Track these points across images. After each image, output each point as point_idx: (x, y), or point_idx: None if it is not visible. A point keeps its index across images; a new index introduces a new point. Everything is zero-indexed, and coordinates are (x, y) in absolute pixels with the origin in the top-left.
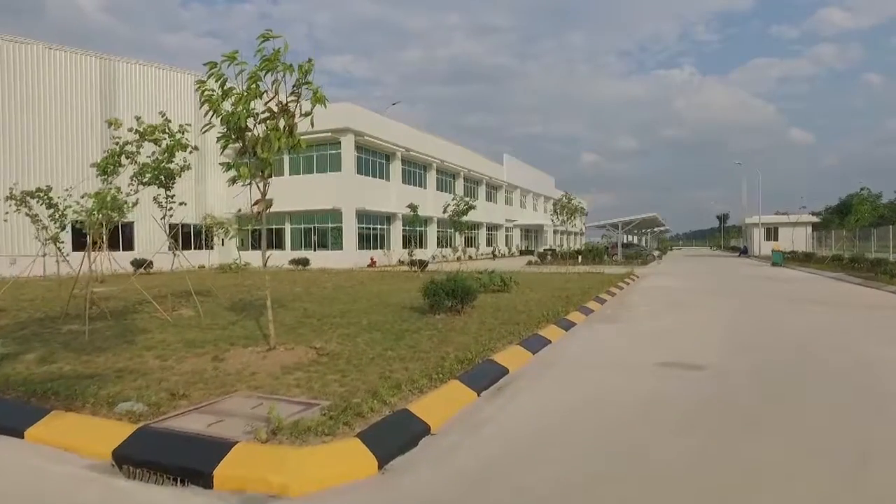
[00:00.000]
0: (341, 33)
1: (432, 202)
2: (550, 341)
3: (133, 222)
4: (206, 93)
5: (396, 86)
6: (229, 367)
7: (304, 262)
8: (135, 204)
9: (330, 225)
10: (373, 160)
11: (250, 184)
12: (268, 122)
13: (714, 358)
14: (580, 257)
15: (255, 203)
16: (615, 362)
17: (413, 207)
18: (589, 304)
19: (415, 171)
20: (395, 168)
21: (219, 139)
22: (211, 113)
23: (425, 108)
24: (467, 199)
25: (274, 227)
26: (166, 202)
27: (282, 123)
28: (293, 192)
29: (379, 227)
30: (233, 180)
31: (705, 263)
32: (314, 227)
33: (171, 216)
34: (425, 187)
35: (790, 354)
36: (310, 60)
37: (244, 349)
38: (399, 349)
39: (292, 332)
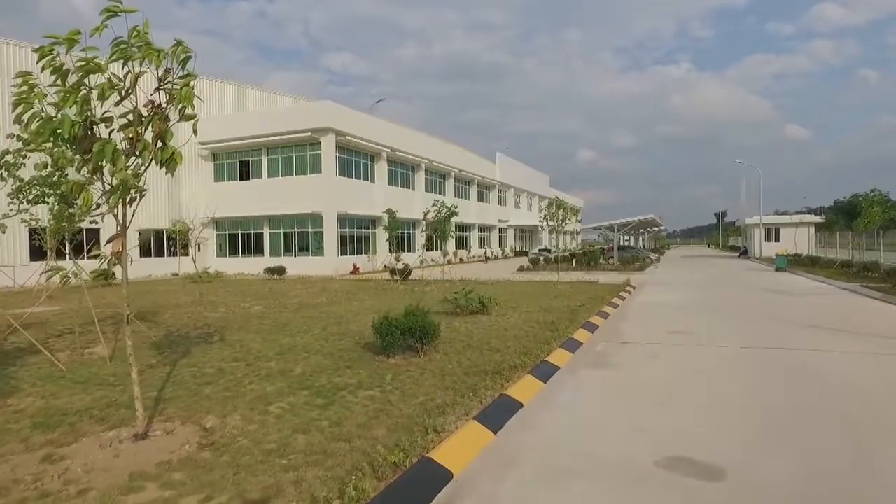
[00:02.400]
0: (339, 31)
1: (421, 204)
2: (521, 405)
3: (99, 228)
4: (28, 88)
5: (393, 83)
6: (57, 475)
7: (280, 270)
8: (90, 210)
9: (310, 229)
10: (356, 161)
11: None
12: (126, 130)
13: (735, 449)
14: (574, 261)
15: (112, 239)
16: (601, 459)
17: (391, 213)
18: (577, 333)
19: (402, 171)
20: (381, 169)
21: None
22: (24, 118)
23: (422, 105)
24: (449, 205)
25: (252, 231)
26: (72, 219)
27: (151, 132)
28: (271, 195)
29: (363, 230)
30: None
31: (705, 268)
32: (294, 232)
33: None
34: (413, 188)
35: (841, 449)
36: (179, 43)
37: (107, 433)
38: (315, 429)
39: (200, 391)
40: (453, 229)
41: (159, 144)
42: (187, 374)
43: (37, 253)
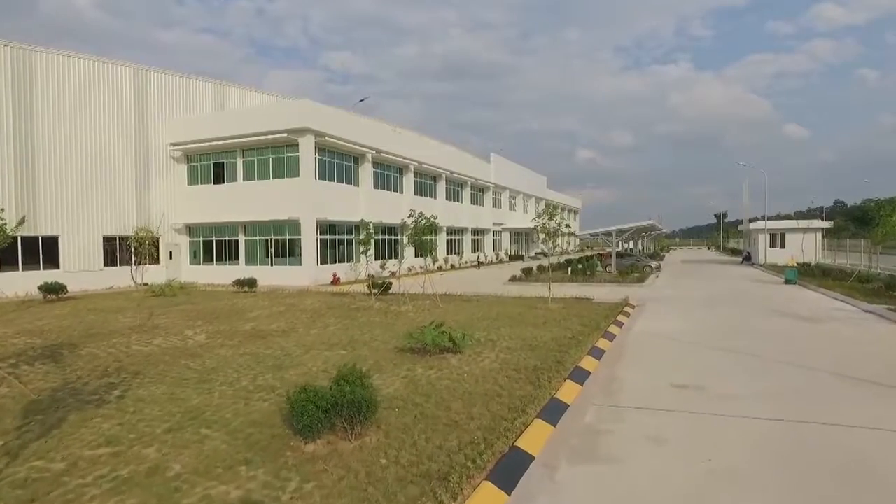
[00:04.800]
0: (338, 30)
1: (409, 208)
2: None
3: (58, 236)
4: None
5: (393, 82)
6: None
7: (251, 283)
8: (20, 223)
9: (287, 236)
10: (338, 163)
11: None
12: None
13: None
14: (570, 269)
15: None
16: None
17: (365, 225)
18: (563, 389)
19: (389, 174)
20: (366, 171)
21: None
22: None
23: (421, 104)
24: (429, 215)
25: (227, 238)
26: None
27: None
28: (247, 200)
29: (346, 237)
30: None
31: (708, 278)
32: (270, 240)
33: None
34: (401, 192)
35: None
36: None
37: None
38: None
39: None
40: (434, 239)
41: None
42: (19, 477)
43: None
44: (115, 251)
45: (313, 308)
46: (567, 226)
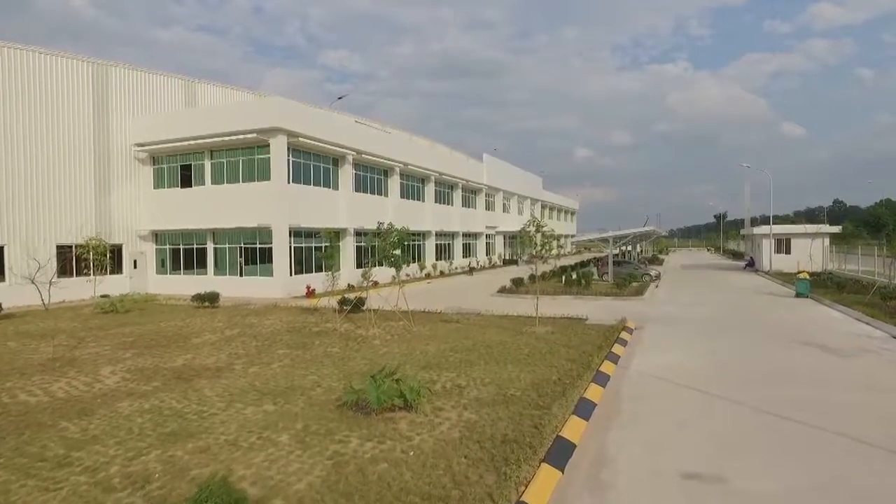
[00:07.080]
0: (336, 28)
1: (395, 213)
2: None
3: (3, 245)
4: None
5: (391, 80)
6: None
7: (212, 298)
8: None
9: (259, 245)
10: (315, 165)
11: None
12: None
13: None
14: (564, 279)
15: None
16: None
17: (330, 234)
18: (535, 483)
19: (372, 176)
20: (346, 174)
21: None
22: None
23: (420, 103)
24: (398, 227)
25: (196, 246)
26: None
27: None
28: (216, 205)
29: (324, 244)
30: None
31: (712, 289)
32: (241, 248)
33: None
34: (386, 195)
35: None
36: None
37: None
38: None
39: None
40: (401, 251)
41: None
42: None
43: None
44: (72, 261)
45: (270, 331)
46: (555, 238)
